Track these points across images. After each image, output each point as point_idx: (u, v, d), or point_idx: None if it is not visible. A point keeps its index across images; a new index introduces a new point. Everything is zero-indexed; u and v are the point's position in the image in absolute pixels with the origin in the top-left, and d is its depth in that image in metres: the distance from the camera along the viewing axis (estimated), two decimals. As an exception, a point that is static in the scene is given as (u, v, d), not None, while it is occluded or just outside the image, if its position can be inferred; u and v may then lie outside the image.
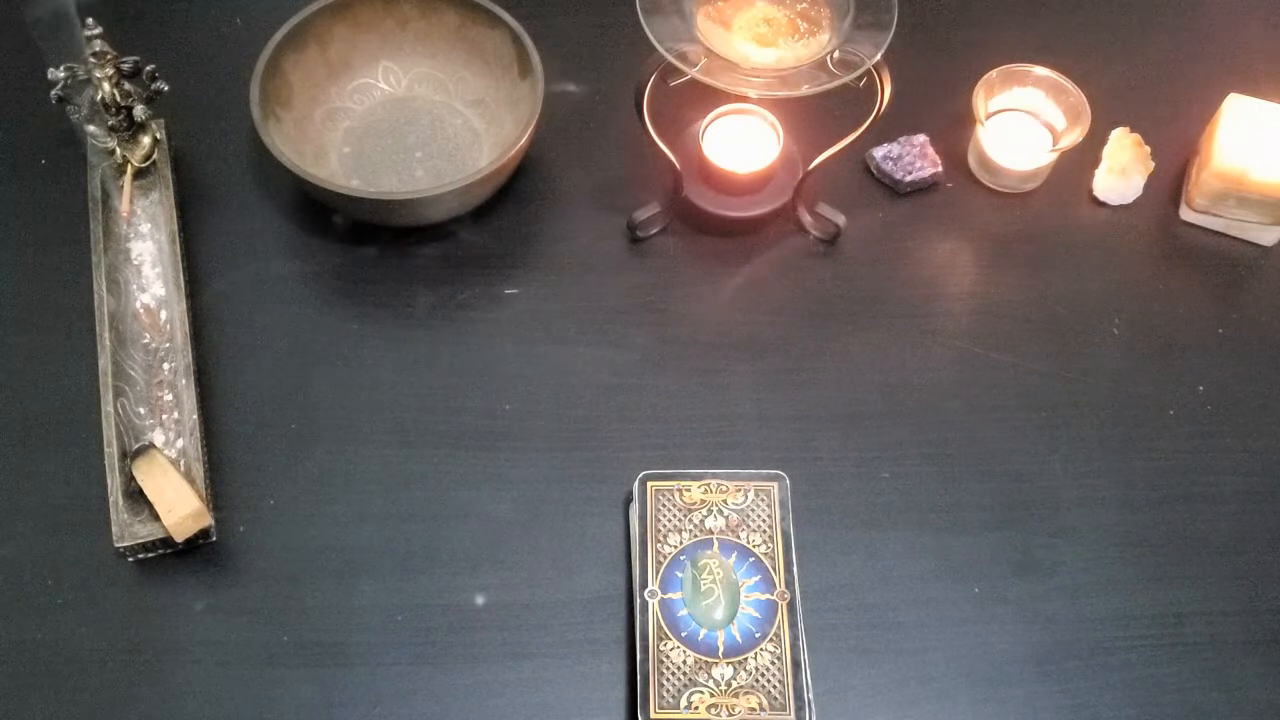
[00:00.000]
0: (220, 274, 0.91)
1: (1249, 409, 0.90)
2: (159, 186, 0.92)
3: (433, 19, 0.97)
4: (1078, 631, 0.80)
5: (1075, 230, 0.97)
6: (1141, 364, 0.91)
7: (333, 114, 0.98)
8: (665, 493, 0.79)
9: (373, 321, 0.90)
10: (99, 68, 0.86)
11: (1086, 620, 0.81)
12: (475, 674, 0.77)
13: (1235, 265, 0.96)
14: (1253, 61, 1.05)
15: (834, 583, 0.81)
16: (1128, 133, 0.99)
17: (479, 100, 0.99)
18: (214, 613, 0.79)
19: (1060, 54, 0.99)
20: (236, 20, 1.04)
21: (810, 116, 0.93)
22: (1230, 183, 0.93)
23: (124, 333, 0.85)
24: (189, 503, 0.77)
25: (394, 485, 0.84)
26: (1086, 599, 0.81)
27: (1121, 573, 0.83)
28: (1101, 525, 0.84)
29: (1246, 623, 0.81)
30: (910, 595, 0.81)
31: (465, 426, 0.86)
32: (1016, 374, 0.90)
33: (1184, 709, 0.78)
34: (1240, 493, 0.86)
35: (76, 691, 0.76)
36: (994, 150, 0.96)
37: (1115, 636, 0.80)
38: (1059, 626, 0.80)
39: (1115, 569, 0.83)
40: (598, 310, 0.92)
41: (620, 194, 0.96)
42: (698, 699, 0.72)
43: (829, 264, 0.95)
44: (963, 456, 0.87)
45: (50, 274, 0.90)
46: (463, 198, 0.89)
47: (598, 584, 0.81)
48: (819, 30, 0.81)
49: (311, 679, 0.77)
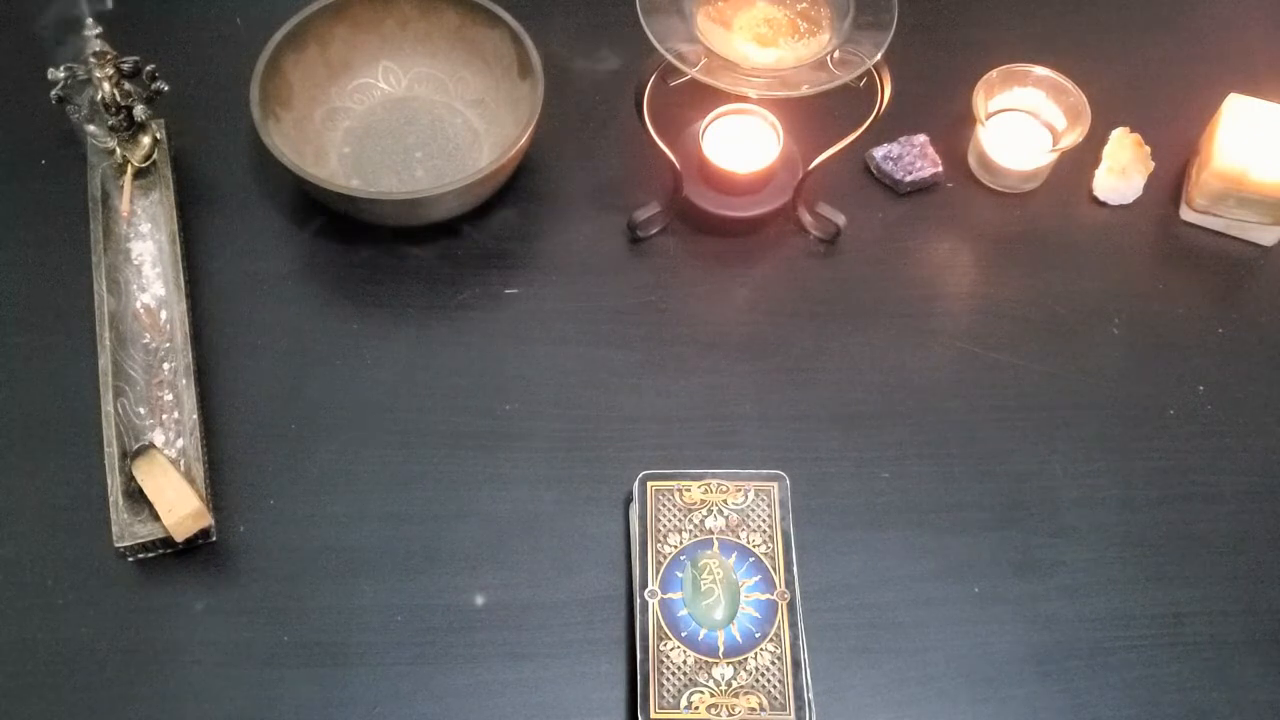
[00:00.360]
0: (220, 274, 0.92)
1: (1249, 409, 0.90)
2: (159, 186, 0.92)
3: (433, 19, 0.97)
4: (1078, 631, 0.80)
5: (1075, 230, 0.97)
6: (1141, 364, 0.91)
7: (333, 114, 0.98)
8: (665, 493, 0.79)
9: (373, 321, 0.90)
10: (99, 68, 0.86)
11: (1086, 620, 0.81)
12: (475, 674, 0.77)
13: (1235, 265, 0.96)
14: (1253, 61, 1.05)
15: (834, 583, 0.81)
16: (1128, 133, 0.99)
17: (479, 100, 0.99)
18: (214, 613, 0.79)
19: (1060, 54, 0.99)
20: (236, 20, 1.04)
21: (810, 116, 0.93)
22: (1230, 183, 0.93)
23: (124, 333, 0.85)
24: (189, 503, 0.77)
25: (394, 485, 0.84)
26: (1086, 599, 0.81)
27: (1121, 572, 0.83)
28: (1101, 525, 0.84)
29: (1246, 622, 0.81)
30: (910, 595, 0.81)
31: (465, 426, 0.86)
32: (1016, 374, 0.90)
33: (1184, 709, 0.78)
34: (1240, 492, 0.86)
35: (76, 691, 0.76)
36: (994, 150, 0.96)
37: (1115, 636, 0.80)
38: (1059, 626, 0.80)
39: (1115, 569, 0.83)
40: (598, 310, 0.92)
41: (620, 194, 0.96)
42: (698, 699, 0.72)
43: (829, 264, 0.95)
44: (963, 456, 0.87)
45: (50, 274, 0.90)
46: (463, 198, 0.89)
47: (598, 584, 0.81)
48: (819, 30, 0.81)
49: (311, 679, 0.77)
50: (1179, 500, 0.85)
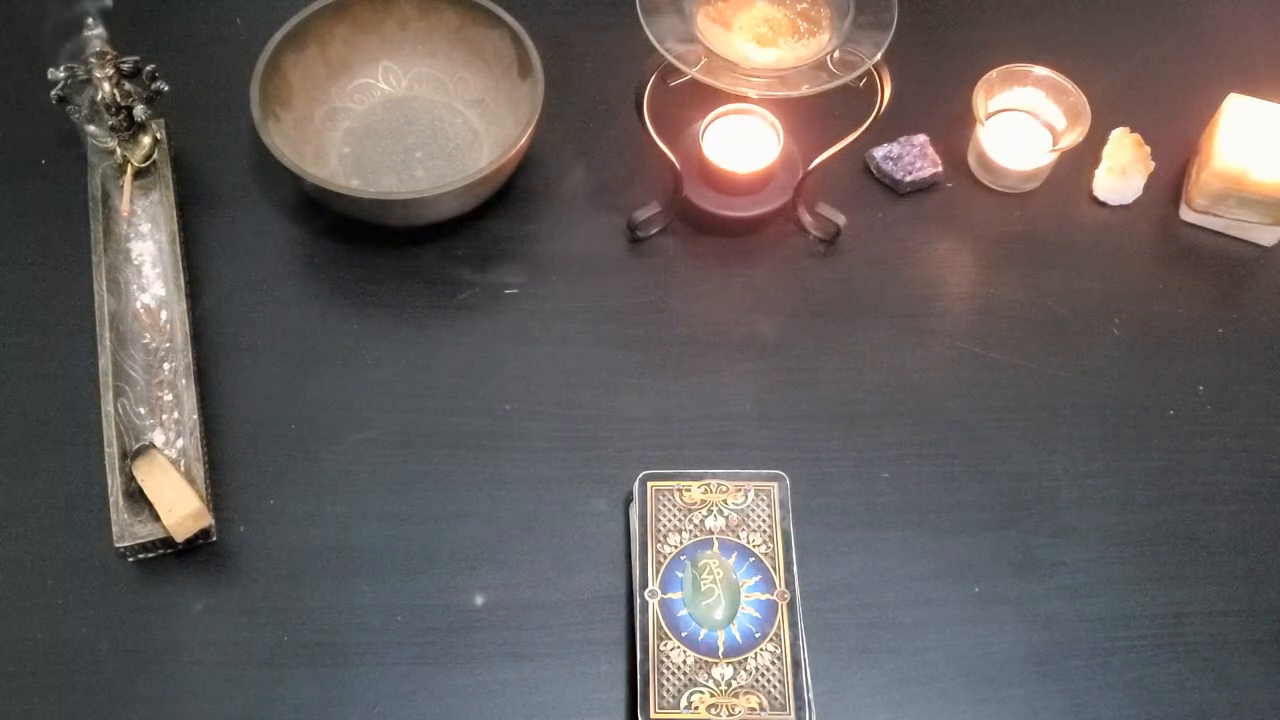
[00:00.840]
0: (220, 274, 0.91)
1: (1249, 409, 0.90)
2: (159, 186, 0.92)
3: (433, 19, 0.97)
4: (1078, 631, 0.80)
5: (1075, 230, 0.97)
6: (1141, 364, 0.91)
7: (333, 114, 0.98)
8: (665, 493, 0.79)
9: (373, 321, 0.90)
10: (99, 68, 0.86)
11: (1086, 620, 0.81)
12: (475, 674, 0.77)
13: (1235, 265, 0.96)
14: (1253, 61, 1.05)
15: (834, 583, 0.81)
16: (1128, 133, 0.99)
17: (479, 100, 0.98)
18: (214, 613, 0.79)
19: (1060, 54, 0.99)
20: (236, 20, 1.04)
21: (810, 116, 0.93)
22: (1230, 183, 0.93)
23: (124, 333, 0.85)
24: (189, 503, 0.77)
25: (394, 485, 0.84)
26: (1086, 599, 0.81)
27: (1121, 573, 0.83)
28: (1101, 525, 0.84)
29: (1246, 622, 0.81)
30: (910, 595, 0.81)
31: (465, 426, 0.86)
32: (1016, 374, 0.90)
33: (1184, 709, 0.78)
34: (1240, 492, 0.86)
35: (76, 691, 0.76)
36: (994, 150, 0.96)
37: (1115, 636, 0.80)
38: (1059, 626, 0.80)
39: (1115, 569, 0.83)
40: (598, 310, 0.92)
41: (620, 194, 0.96)
42: (698, 699, 0.72)
43: (829, 264, 0.95)
44: (963, 456, 0.87)
45: (50, 274, 0.90)
46: (463, 198, 0.89)
47: (598, 584, 0.81)
48: (819, 30, 0.81)
49: (311, 679, 0.77)
50: (1179, 500, 0.85)
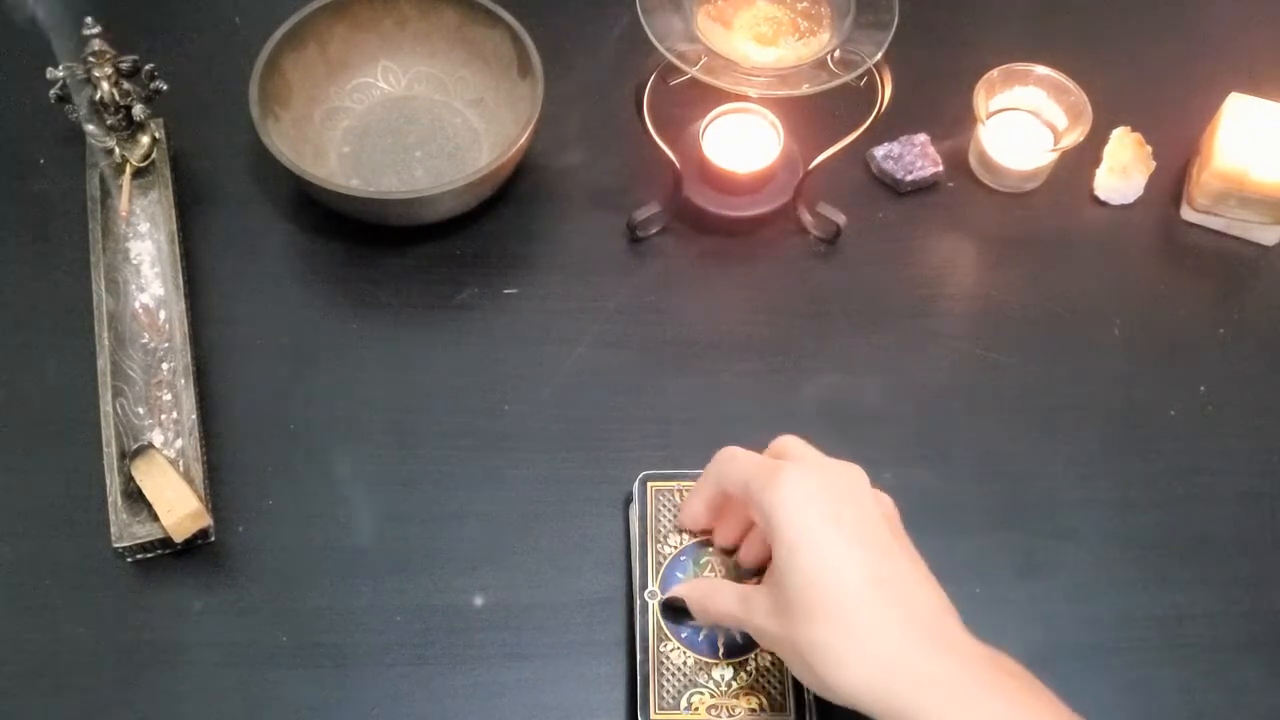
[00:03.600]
0: (219, 273, 0.91)
1: (1251, 409, 0.89)
2: (158, 186, 0.92)
3: (432, 18, 0.97)
4: (1078, 632, 0.80)
5: (1076, 230, 0.97)
6: (1142, 364, 0.91)
7: (332, 113, 0.98)
8: (665, 493, 0.79)
9: (373, 321, 0.90)
10: (98, 67, 0.86)
11: (1087, 621, 0.81)
12: (475, 675, 0.77)
13: (1237, 265, 0.96)
14: (1254, 61, 1.05)
15: (834, 583, 0.81)
16: (1129, 132, 0.99)
17: (479, 100, 0.98)
18: (213, 613, 0.79)
19: (1061, 53, 0.99)
20: (236, 20, 1.04)
21: (810, 116, 0.93)
22: (1231, 182, 0.93)
23: (123, 333, 0.85)
24: (188, 503, 0.77)
25: (394, 485, 0.84)
26: (1087, 600, 0.81)
27: (1122, 574, 0.82)
28: (1102, 526, 0.84)
29: (1248, 624, 0.81)
30: (910, 596, 0.81)
31: (465, 426, 0.86)
32: (1016, 374, 0.90)
33: (1185, 710, 0.78)
34: (1242, 493, 0.86)
35: (75, 691, 0.76)
36: (995, 150, 0.96)
37: (1116, 637, 0.80)
38: (1059, 627, 0.80)
39: (1116, 570, 0.83)
40: (598, 310, 0.92)
41: (620, 194, 0.96)
42: (698, 700, 0.72)
43: (829, 264, 0.95)
44: (963, 456, 0.86)
45: (49, 274, 0.90)
46: (462, 197, 0.89)
47: (598, 584, 0.81)
48: (819, 29, 0.81)
49: (311, 679, 0.77)
50: (1180, 501, 0.85)
